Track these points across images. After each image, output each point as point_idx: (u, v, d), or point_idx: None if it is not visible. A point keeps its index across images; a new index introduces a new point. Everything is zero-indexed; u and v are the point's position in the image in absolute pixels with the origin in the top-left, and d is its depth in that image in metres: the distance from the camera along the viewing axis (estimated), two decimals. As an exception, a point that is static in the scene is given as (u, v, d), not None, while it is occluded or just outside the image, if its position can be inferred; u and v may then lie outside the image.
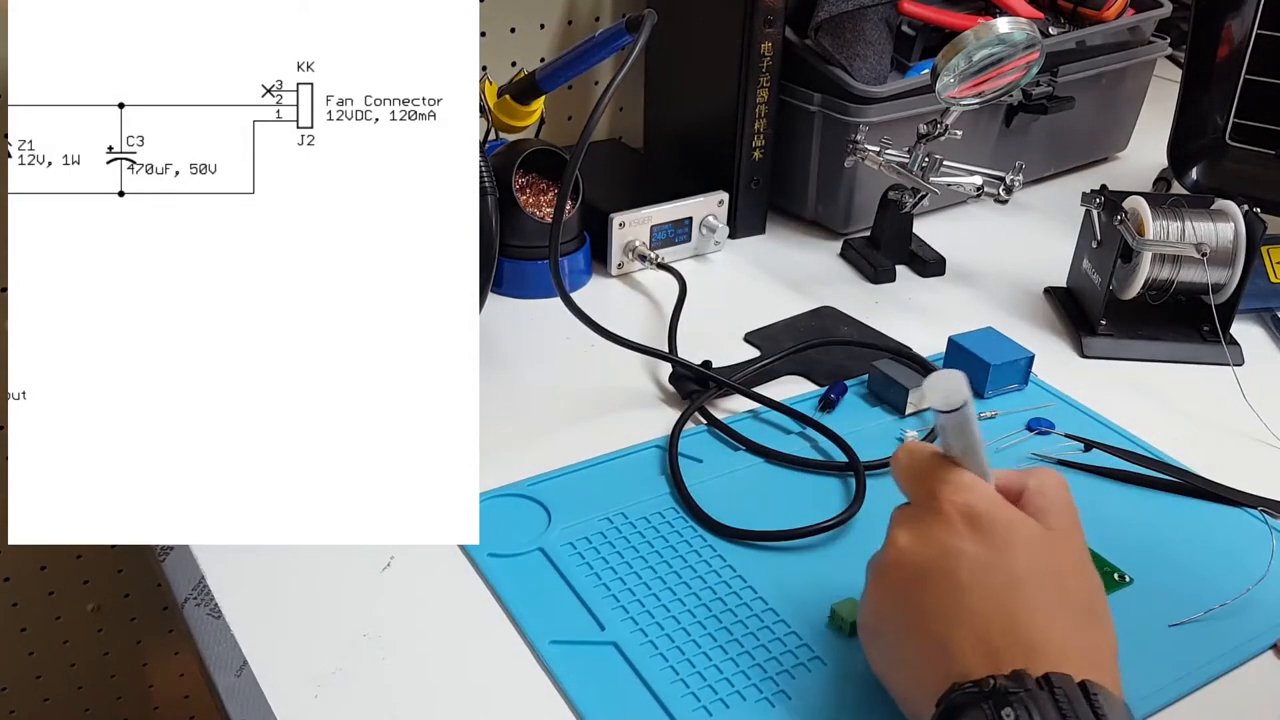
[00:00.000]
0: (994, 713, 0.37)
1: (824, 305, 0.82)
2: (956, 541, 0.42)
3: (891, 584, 0.44)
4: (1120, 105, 1.11)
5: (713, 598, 0.52)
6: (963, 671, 0.40)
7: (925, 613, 0.42)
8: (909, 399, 0.67)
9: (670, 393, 0.70)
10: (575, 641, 0.49)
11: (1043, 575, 0.42)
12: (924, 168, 0.83)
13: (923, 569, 0.43)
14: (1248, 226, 0.73)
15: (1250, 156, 0.95)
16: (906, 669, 0.44)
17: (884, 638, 0.45)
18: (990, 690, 0.38)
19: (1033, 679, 0.38)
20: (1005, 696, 0.38)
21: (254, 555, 0.53)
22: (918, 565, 0.43)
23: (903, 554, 0.44)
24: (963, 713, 0.38)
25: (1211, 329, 0.76)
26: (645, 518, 0.58)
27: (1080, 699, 0.37)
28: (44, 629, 1.03)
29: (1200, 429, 0.69)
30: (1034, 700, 0.37)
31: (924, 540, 0.43)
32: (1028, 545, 0.42)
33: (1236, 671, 0.49)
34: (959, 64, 0.75)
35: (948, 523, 0.43)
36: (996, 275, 0.89)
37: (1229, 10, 0.92)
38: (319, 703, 0.46)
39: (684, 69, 0.96)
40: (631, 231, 0.85)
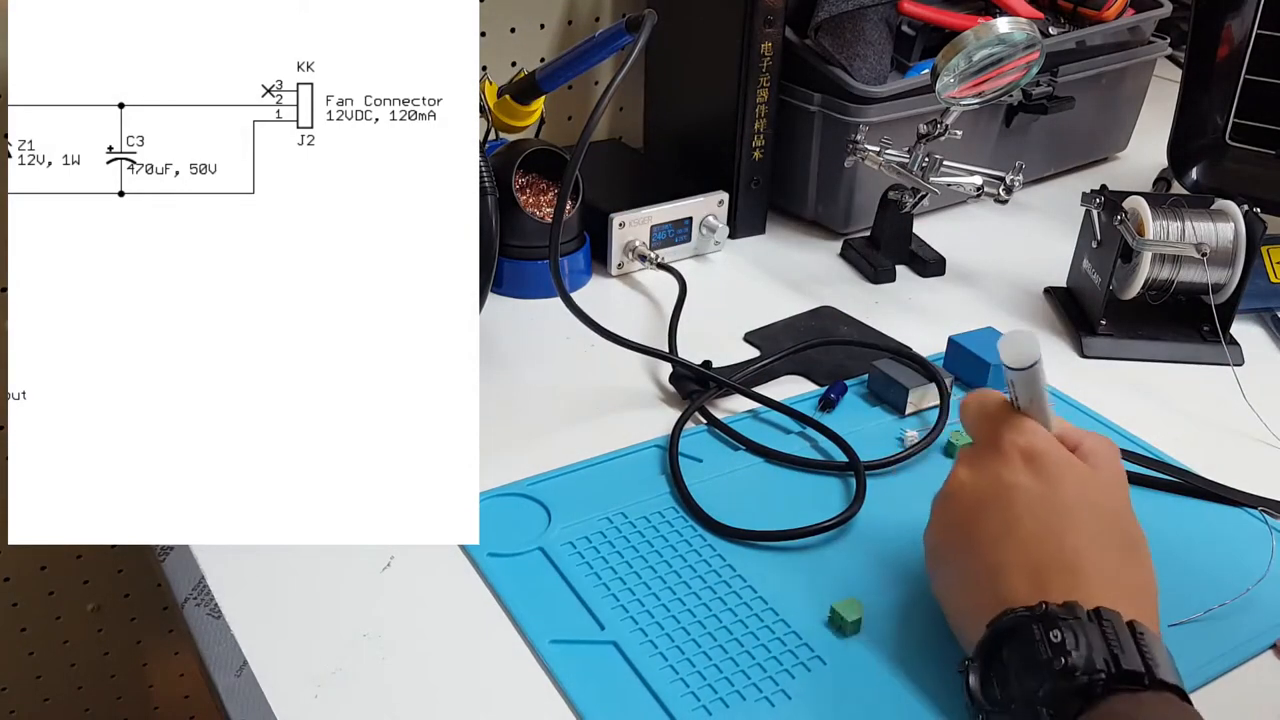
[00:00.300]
0: (1044, 633, 0.40)
1: (824, 305, 0.82)
2: (1013, 475, 0.46)
3: (951, 513, 0.48)
4: (1120, 105, 1.11)
5: (713, 598, 0.52)
6: (1012, 596, 0.43)
7: (981, 540, 0.46)
8: (909, 399, 0.67)
9: (670, 393, 0.70)
10: (575, 641, 0.49)
11: (1091, 509, 0.45)
12: (924, 168, 0.83)
13: (980, 500, 0.47)
14: (1248, 226, 0.73)
15: (1250, 156, 0.95)
16: (962, 591, 0.47)
17: (944, 563, 0.49)
18: (1042, 614, 0.41)
19: (1084, 609, 0.40)
20: (1055, 620, 0.40)
21: (254, 555, 0.53)
22: (976, 496, 0.47)
23: (963, 486, 0.48)
24: (1014, 632, 0.41)
25: (1211, 329, 0.76)
26: (645, 517, 0.58)
27: (1128, 635, 0.39)
28: (44, 629, 1.03)
29: (1200, 429, 0.69)
30: (1082, 628, 0.39)
31: (983, 474, 0.47)
32: (1078, 482, 0.46)
33: (1236, 671, 0.49)
34: (959, 64, 0.75)
35: (1007, 460, 0.47)
36: (996, 275, 0.89)
37: (1229, 10, 0.92)
38: (319, 703, 0.46)
39: (684, 69, 0.96)
40: (631, 231, 0.85)
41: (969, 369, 0.70)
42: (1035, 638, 0.40)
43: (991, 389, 0.50)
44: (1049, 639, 0.39)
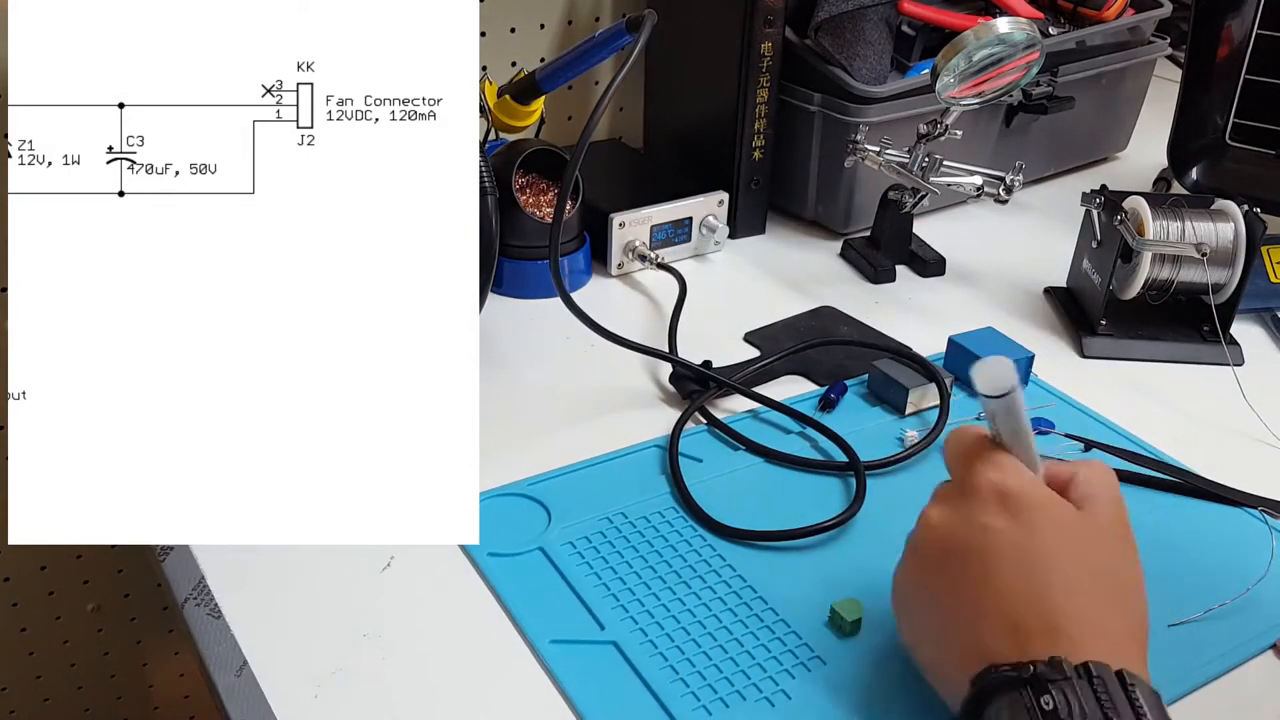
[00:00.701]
0: (1033, 700, 0.37)
1: (824, 305, 0.82)
2: (986, 518, 0.43)
3: (921, 558, 0.45)
4: (1120, 105, 1.11)
5: (713, 598, 0.52)
6: (992, 649, 0.40)
7: (954, 587, 0.43)
8: (909, 399, 0.67)
9: (670, 393, 0.70)
10: (575, 641, 0.49)
11: (1074, 558, 0.42)
12: (924, 168, 0.83)
13: (951, 544, 0.44)
14: (1248, 226, 0.73)
15: (1250, 156, 0.95)
16: (935, 642, 0.44)
17: (913, 612, 0.46)
18: (1030, 676, 0.38)
19: (1071, 666, 0.38)
20: (1044, 684, 0.38)
21: (254, 555, 0.53)
22: (947, 540, 0.44)
23: (933, 529, 0.45)
24: (1000, 693, 0.39)
25: (1211, 329, 0.76)
26: (645, 517, 0.58)
27: (1118, 689, 0.37)
28: (44, 629, 1.03)
29: (1200, 429, 0.69)
30: (1072, 688, 0.37)
31: (954, 514, 0.44)
32: (1056, 525, 0.43)
33: (1236, 671, 0.49)
34: (959, 64, 0.75)
35: (980, 500, 0.43)
36: (996, 275, 0.89)
37: (1229, 10, 0.92)
38: (319, 703, 0.46)
39: (684, 69, 0.96)
40: (631, 231, 0.85)
41: (969, 369, 0.70)
42: (1025, 704, 0.38)
43: (973, 425, 0.47)
44: (1040, 706, 0.37)
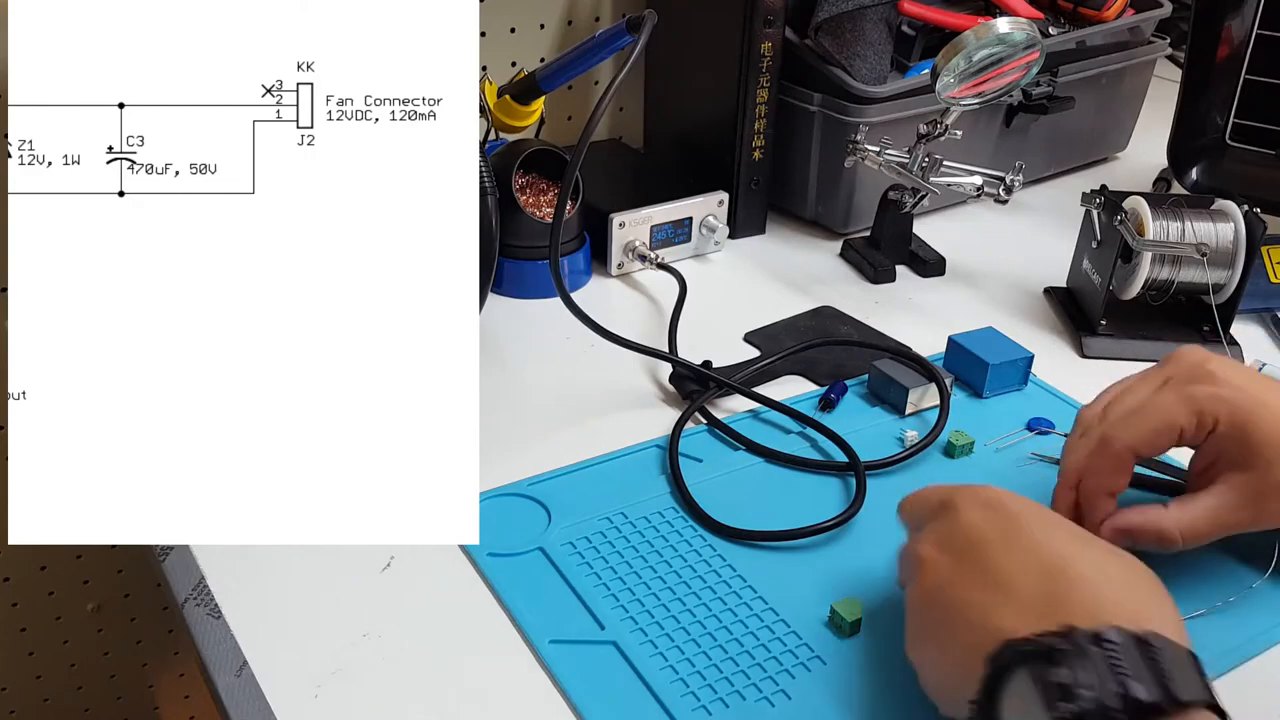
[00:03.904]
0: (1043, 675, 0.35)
1: (824, 305, 0.82)
2: (974, 515, 0.44)
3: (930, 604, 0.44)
4: (1120, 105, 1.11)
5: (713, 598, 0.52)
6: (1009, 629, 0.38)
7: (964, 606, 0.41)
8: (909, 399, 0.67)
9: (670, 393, 0.70)
10: (575, 641, 0.49)
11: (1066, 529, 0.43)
12: (924, 168, 0.83)
13: (954, 564, 0.43)
14: (1248, 226, 0.73)
15: (1250, 156, 0.95)
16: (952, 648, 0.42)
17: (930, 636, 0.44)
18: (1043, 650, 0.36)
19: (1083, 633, 0.36)
20: (1054, 655, 0.36)
21: (254, 555, 0.53)
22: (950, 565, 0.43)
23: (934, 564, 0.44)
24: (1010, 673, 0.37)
25: (1211, 329, 0.76)
26: (645, 517, 0.58)
27: (1135, 656, 0.35)
28: (44, 629, 1.04)
29: (1200, 429, 0.68)
30: (1083, 657, 0.35)
31: (948, 539, 0.45)
32: (1040, 511, 0.44)
33: (1236, 671, 0.49)
34: (959, 64, 0.75)
35: (964, 505, 0.45)
36: (996, 275, 0.89)
37: (1229, 10, 0.92)
38: (319, 703, 0.46)
39: (684, 69, 0.96)
40: (631, 231, 0.85)
41: (969, 369, 0.70)
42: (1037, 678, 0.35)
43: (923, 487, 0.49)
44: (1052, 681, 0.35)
